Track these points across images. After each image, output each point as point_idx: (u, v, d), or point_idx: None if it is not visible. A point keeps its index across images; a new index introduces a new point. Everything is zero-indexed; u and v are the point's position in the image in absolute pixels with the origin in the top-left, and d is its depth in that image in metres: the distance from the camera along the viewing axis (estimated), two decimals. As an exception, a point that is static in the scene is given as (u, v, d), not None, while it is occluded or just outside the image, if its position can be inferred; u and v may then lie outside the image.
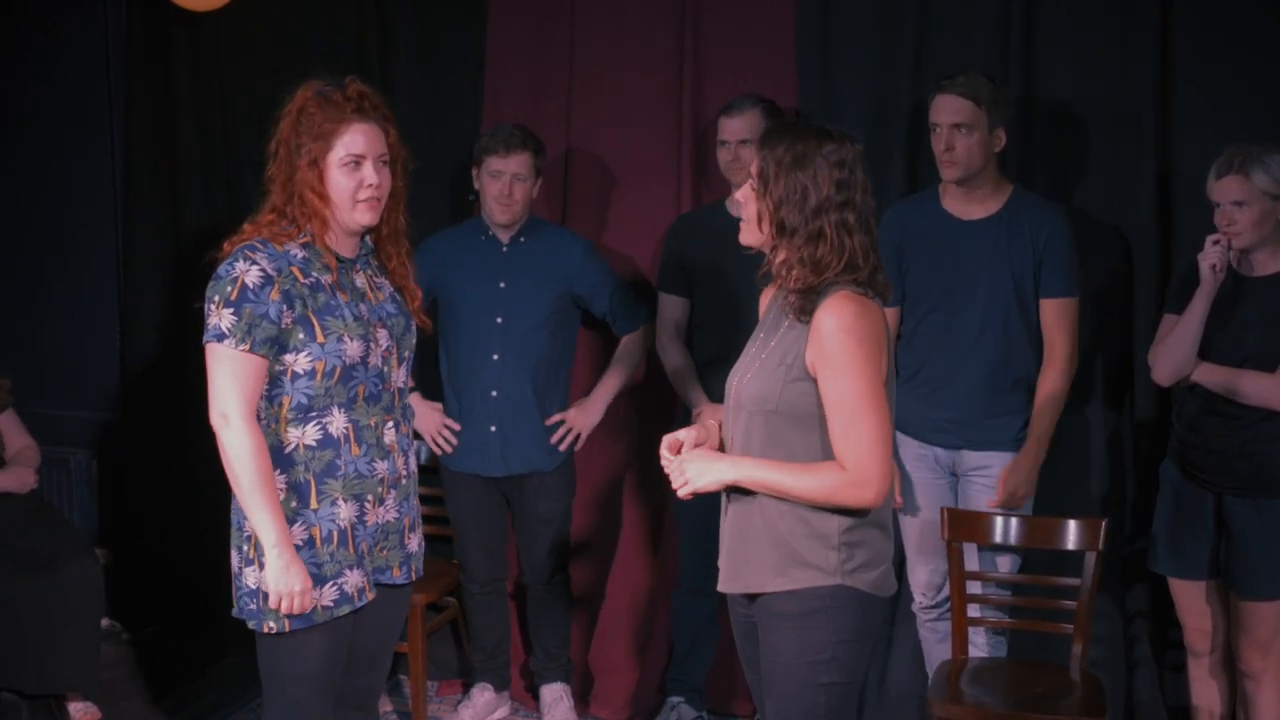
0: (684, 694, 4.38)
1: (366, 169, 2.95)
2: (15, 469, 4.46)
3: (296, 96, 2.98)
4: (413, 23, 4.69)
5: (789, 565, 2.76)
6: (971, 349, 3.80)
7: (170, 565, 5.12)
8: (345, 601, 2.98)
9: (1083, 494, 4.08)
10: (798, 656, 2.79)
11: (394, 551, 3.11)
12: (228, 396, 2.85)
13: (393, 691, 4.71)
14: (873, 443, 2.67)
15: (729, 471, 2.77)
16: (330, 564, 2.95)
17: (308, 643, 2.96)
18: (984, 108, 3.67)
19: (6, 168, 5.39)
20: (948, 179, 3.77)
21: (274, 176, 2.99)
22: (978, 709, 3.54)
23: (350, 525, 2.97)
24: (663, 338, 4.28)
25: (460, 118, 4.64)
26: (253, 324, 2.84)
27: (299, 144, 2.93)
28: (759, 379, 2.79)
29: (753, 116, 4.03)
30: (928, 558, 3.98)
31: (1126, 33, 3.92)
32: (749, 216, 2.80)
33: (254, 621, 2.96)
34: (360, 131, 2.94)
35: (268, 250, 2.90)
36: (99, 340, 5.31)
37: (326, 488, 2.95)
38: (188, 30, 4.91)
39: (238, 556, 2.99)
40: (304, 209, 2.94)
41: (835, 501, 2.71)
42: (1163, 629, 4.02)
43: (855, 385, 2.66)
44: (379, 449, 3.01)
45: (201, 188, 5.02)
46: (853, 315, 2.67)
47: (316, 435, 2.93)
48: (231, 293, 2.85)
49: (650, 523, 4.60)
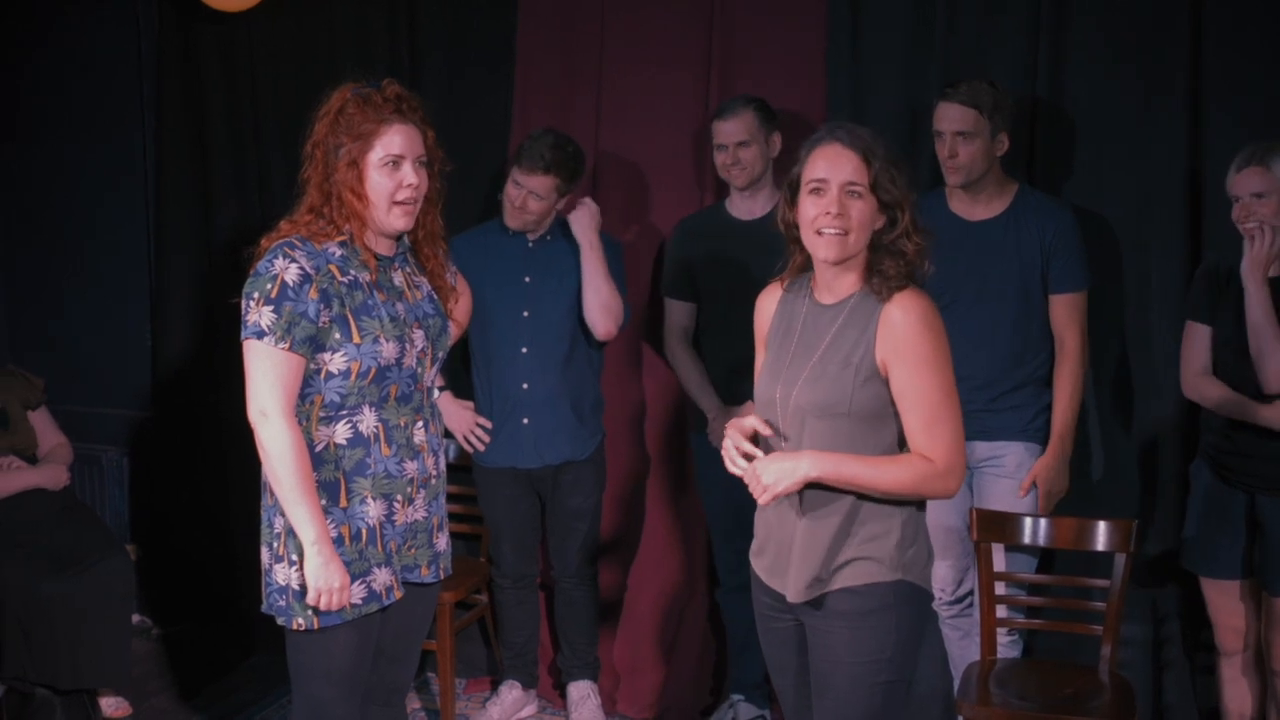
0: (744, 691, 4.38)
1: (405, 169, 2.95)
2: (48, 466, 4.50)
3: (333, 98, 2.98)
4: (443, 22, 4.71)
5: (854, 563, 2.76)
6: (983, 347, 3.81)
7: (200, 562, 5.17)
8: (374, 599, 2.98)
9: (1113, 495, 4.06)
10: (860, 656, 2.78)
11: (422, 550, 3.12)
12: (266, 394, 2.86)
13: (421, 689, 4.73)
14: (956, 435, 2.72)
15: (812, 469, 2.71)
16: (359, 562, 2.95)
17: (335, 639, 2.97)
18: (986, 115, 3.72)
19: (39, 167, 5.44)
20: (952, 184, 3.83)
21: (310, 178, 2.98)
22: (1007, 710, 3.53)
23: (379, 524, 2.98)
24: (671, 344, 4.29)
25: (490, 117, 4.66)
26: (292, 322, 2.84)
27: (337, 144, 2.93)
28: (821, 384, 2.76)
29: (746, 117, 4.03)
30: (947, 553, 3.98)
31: (1155, 33, 3.90)
32: (855, 224, 2.73)
33: (283, 618, 2.98)
34: (400, 132, 2.95)
35: (306, 248, 2.90)
36: (130, 338, 5.36)
37: (356, 486, 2.95)
38: (219, 30, 4.95)
39: (268, 553, 3.00)
40: (341, 210, 2.94)
41: (921, 492, 2.73)
42: (1193, 630, 4.01)
43: (936, 380, 2.70)
44: (409, 449, 3.02)
45: (232, 187, 5.05)
46: (928, 309, 2.72)
47: (347, 434, 2.94)
48: (271, 290, 2.84)
49: (673, 520, 4.60)
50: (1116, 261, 3.97)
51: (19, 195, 5.48)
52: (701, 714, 4.59)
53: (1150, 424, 4.03)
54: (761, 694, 4.36)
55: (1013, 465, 3.86)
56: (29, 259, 5.50)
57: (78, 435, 4.78)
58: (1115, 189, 4.00)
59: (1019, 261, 3.79)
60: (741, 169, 4.05)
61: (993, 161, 3.79)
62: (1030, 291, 3.80)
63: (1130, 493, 4.07)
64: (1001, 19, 4.05)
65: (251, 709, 4.62)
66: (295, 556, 2.93)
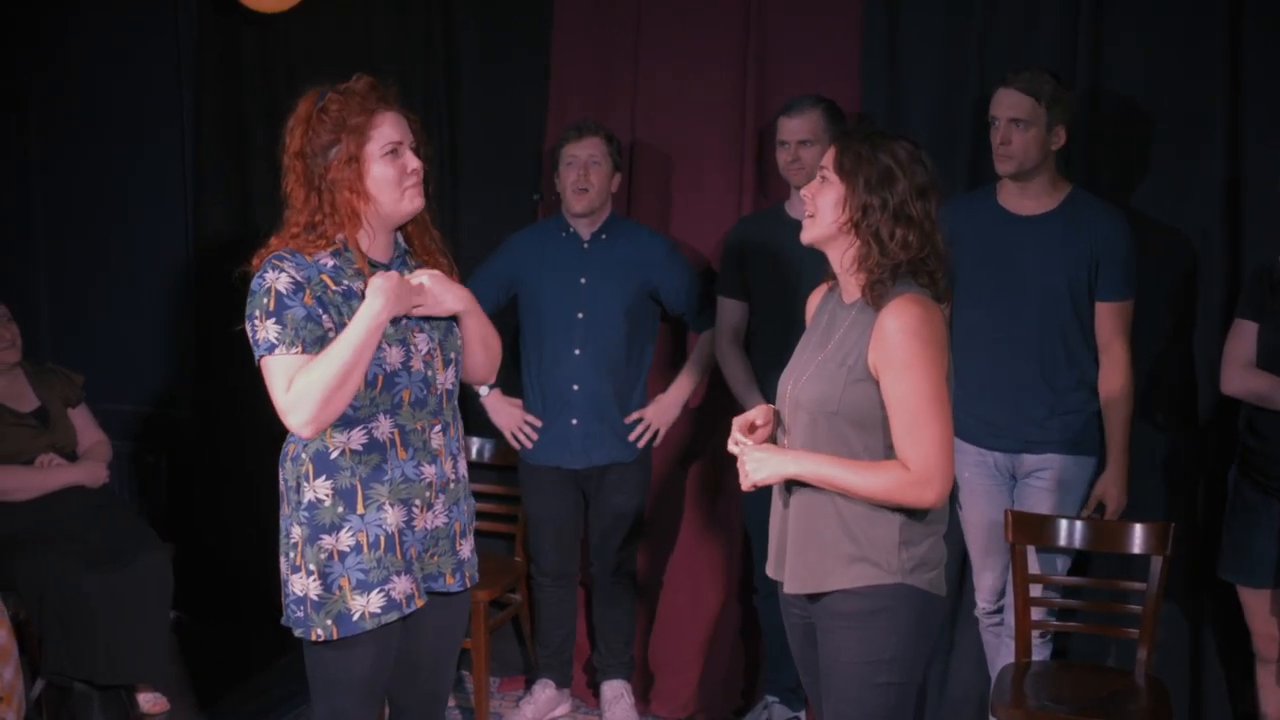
0: (779, 694, 4.37)
1: (407, 155, 2.92)
2: (87, 463, 4.55)
3: (300, 105, 2.92)
4: (479, 21, 4.73)
5: (850, 563, 2.76)
6: (1029, 347, 3.77)
7: (235, 561, 5.20)
8: (393, 609, 2.92)
9: (1150, 499, 4.04)
10: (858, 657, 2.79)
11: (445, 558, 3.05)
12: (280, 394, 2.81)
13: (455, 687, 4.74)
14: (936, 444, 2.68)
15: (790, 465, 2.76)
16: (377, 570, 2.90)
17: (355, 649, 2.93)
18: (1044, 104, 3.66)
19: (80, 169, 5.49)
20: (1002, 172, 3.76)
21: (292, 192, 2.93)
22: (1043, 713, 3.51)
23: (398, 530, 2.93)
24: (721, 343, 4.28)
25: (526, 116, 4.67)
26: (298, 327, 2.80)
27: (325, 145, 2.87)
28: (818, 380, 2.79)
29: (813, 117, 4.01)
30: (992, 563, 3.96)
31: (1196, 31, 3.88)
32: (819, 208, 2.80)
33: (301, 629, 2.94)
34: (391, 120, 2.91)
35: (296, 259, 2.85)
36: (170, 338, 5.40)
37: (373, 492, 2.91)
38: (258, 31, 4.98)
39: (285, 563, 2.97)
40: (335, 216, 2.88)
41: (896, 500, 2.72)
42: (1230, 635, 3.98)
43: (918, 386, 2.67)
44: (426, 453, 2.98)
45: (271, 187, 5.00)
46: (917, 317, 2.68)
47: (362, 440, 2.90)
48: (269, 304, 2.82)
49: (710, 522, 4.60)
50: (1151, 261, 3.94)
51: (61, 196, 5.53)
52: (735, 715, 4.59)
53: (1187, 427, 4.01)
54: (797, 697, 4.35)
55: (1060, 479, 3.82)
56: (70, 258, 5.55)
57: (116, 434, 4.82)
58: (1152, 189, 3.98)
59: (1064, 261, 3.72)
60: (800, 168, 4.01)
61: (1047, 155, 3.72)
62: (1076, 294, 3.74)
63: (1166, 496, 4.05)
64: (1037, 16, 4.04)
65: (285, 706, 4.65)
66: (312, 566, 2.90)
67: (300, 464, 2.92)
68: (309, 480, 2.90)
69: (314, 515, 2.90)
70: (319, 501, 2.90)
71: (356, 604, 2.90)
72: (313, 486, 2.90)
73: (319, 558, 2.89)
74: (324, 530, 2.89)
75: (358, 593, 2.89)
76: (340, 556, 2.89)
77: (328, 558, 2.89)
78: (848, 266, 2.80)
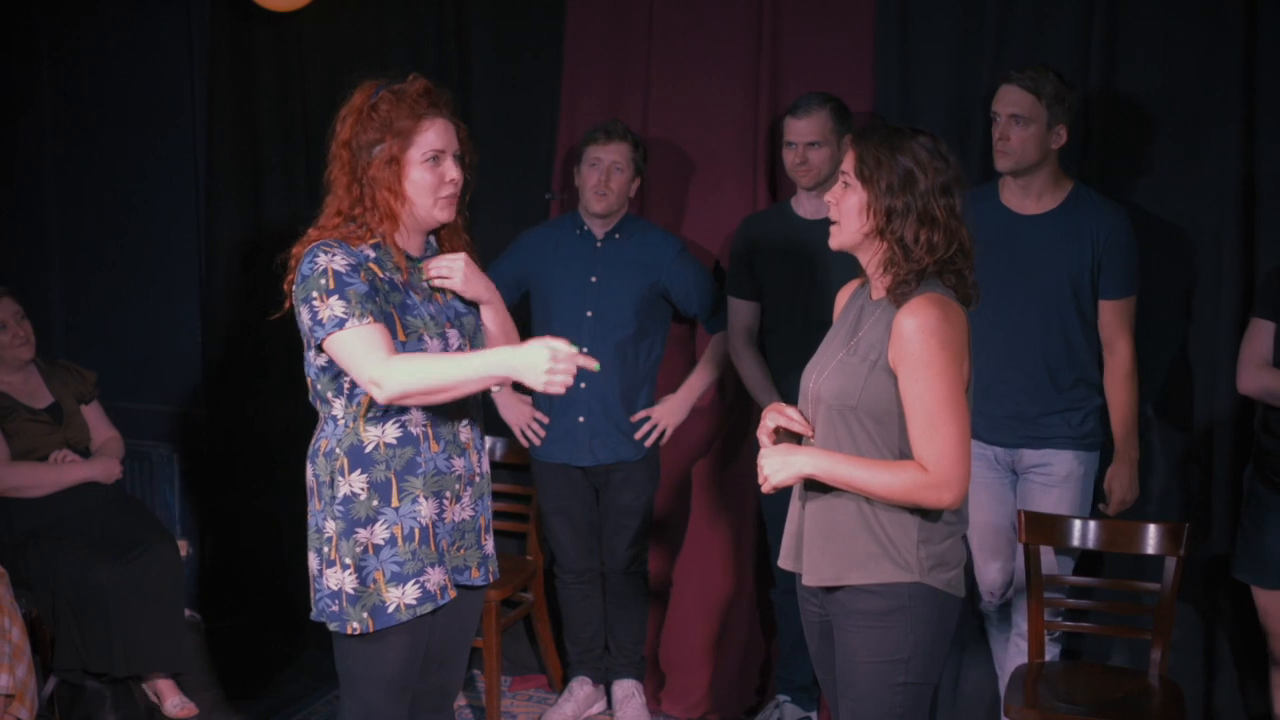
0: (790, 693, 4.36)
1: (447, 164, 2.94)
2: (101, 459, 4.56)
3: (355, 96, 2.94)
4: (491, 20, 4.72)
5: (868, 560, 2.76)
6: (1031, 345, 3.78)
7: (249, 558, 5.20)
8: (428, 600, 2.94)
9: (1165, 499, 4.03)
10: (874, 655, 2.78)
11: (471, 551, 3.08)
12: (372, 364, 2.78)
13: (466, 687, 4.74)
14: (954, 445, 2.67)
15: (807, 465, 2.75)
16: (412, 562, 2.92)
17: (389, 642, 2.94)
18: (1045, 102, 3.66)
19: (91, 166, 5.49)
20: (1000, 168, 3.77)
21: (335, 179, 2.96)
22: (1056, 714, 3.51)
23: (431, 522, 2.95)
24: (736, 345, 4.27)
25: (538, 114, 4.67)
26: (361, 299, 2.81)
27: (370, 142, 2.90)
28: (840, 375, 2.79)
29: (820, 117, 4.00)
30: (995, 558, 3.96)
31: (1210, 29, 3.87)
32: (843, 215, 2.79)
33: (335, 623, 2.94)
34: (439, 127, 2.93)
35: (342, 248, 2.87)
36: (182, 335, 5.40)
37: (407, 485, 2.93)
38: (270, 30, 4.98)
39: (317, 559, 2.98)
40: (374, 211, 2.91)
41: (913, 501, 2.71)
42: (1245, 637, 3.97)
43: (935, 387, 2.66)
44: (456, 446, 3.01)
45: (283, 186, 5.08)
46: (936, 318, 2.67)
47: (396, 433, 2.92)
48: (327, 284, 2.82)
49: (721, 519, 4.60)
50: (1167, 261, 3.93)
51: (73, 192, 5.54)
52: (746, 714, 4.59)
53: (1202, 426, 4.00)
54: (809, 696, 4.35)
55: (1061, 474, 3.82)
56: (83, 255, 5.56)
57: (128, 431, 4.82)
58: (1167, 187, 3.97)
59: (1067, 259, 3.73)
60: (808, 169, 4.01)
61: (1047, 154, 3.72)
62: (1079, 292, 3.75)
63: (1180, 496, 4.04)
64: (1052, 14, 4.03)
65: (300, 704, 4.65)
66: (348, 560, 2.91)
67: (335, 459, 2.93)
68: (344, 475, 2.91)
69: (349, 509, 2.91)
70: (354, 495, 2.91)
71: (392, 596, 2.91)
72: (348, 481, 2.91)
73: (354, 551, 2.91)
74: (359, 524, 2.91)
75: (393, 585, 2.91)
76: (375, 550, 2.91)
77: (363, 551, 2.91)
78: (876, 269, 2.80)
